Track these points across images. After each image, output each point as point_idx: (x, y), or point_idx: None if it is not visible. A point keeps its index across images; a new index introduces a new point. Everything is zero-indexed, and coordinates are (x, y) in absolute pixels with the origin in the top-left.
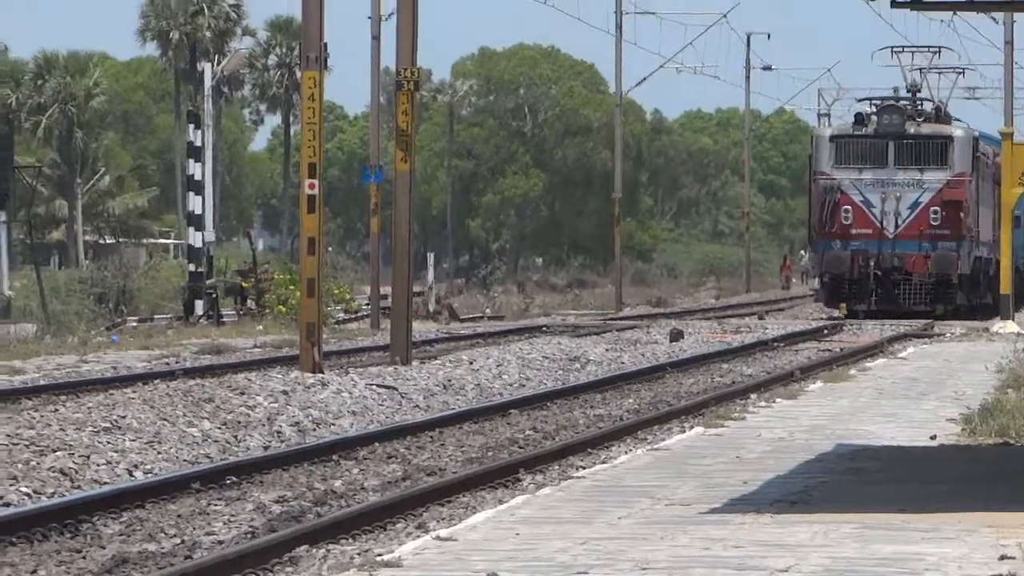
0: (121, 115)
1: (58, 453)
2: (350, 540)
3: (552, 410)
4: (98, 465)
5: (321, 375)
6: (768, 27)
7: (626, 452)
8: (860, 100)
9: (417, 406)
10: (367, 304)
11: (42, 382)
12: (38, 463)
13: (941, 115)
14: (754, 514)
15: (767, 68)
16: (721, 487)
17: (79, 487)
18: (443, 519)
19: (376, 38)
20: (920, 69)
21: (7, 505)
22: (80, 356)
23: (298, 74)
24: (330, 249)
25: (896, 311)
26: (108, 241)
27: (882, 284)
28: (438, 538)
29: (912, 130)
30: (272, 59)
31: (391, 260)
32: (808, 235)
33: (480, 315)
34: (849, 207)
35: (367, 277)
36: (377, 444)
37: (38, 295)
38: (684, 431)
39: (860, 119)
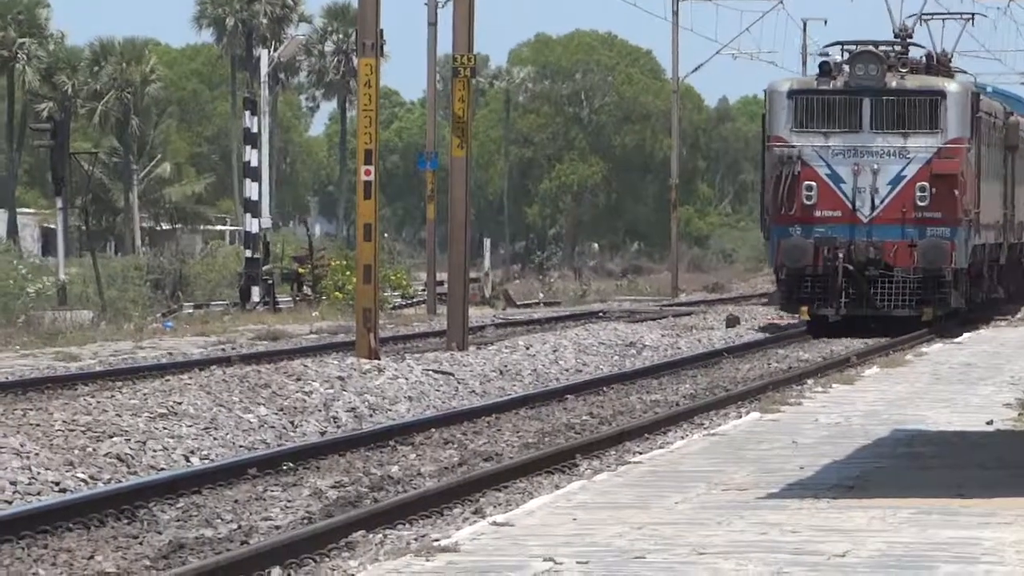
0: (176, 102)
1: (114, 439)
2: (407, 525)
3: (609, 395)
4: (154, 451)
5: (377, 361)
6: (825, 12)
7: (683, 437)
8: (828, 45)
9: (473, 391)
10: (423, 290)
11: (98, 368)
12: (94, 449)
13: (933, 65)
14: (811, 499)
15: (824, 54)
16: (778, 472)
17: (135, 473)
18: (500, 504)
19: (432, 24)
20: (916, 15)
21: (64, 491)
22: (136, 342)
23: (354, 60)
24: (386, 235)
25: (873, 315)
26: (164, 228)
27: (855, 281)
28: (495, 523)
29: (894, 83)
30: (329, 46)
31: (447, 246)
32: (760, 219)
33: (536, 301)
34: (812, 183)
35: (423, 263)
36: (434, 430)
37: (94, 282)
38: (740, 416)
39: (826, 69)
